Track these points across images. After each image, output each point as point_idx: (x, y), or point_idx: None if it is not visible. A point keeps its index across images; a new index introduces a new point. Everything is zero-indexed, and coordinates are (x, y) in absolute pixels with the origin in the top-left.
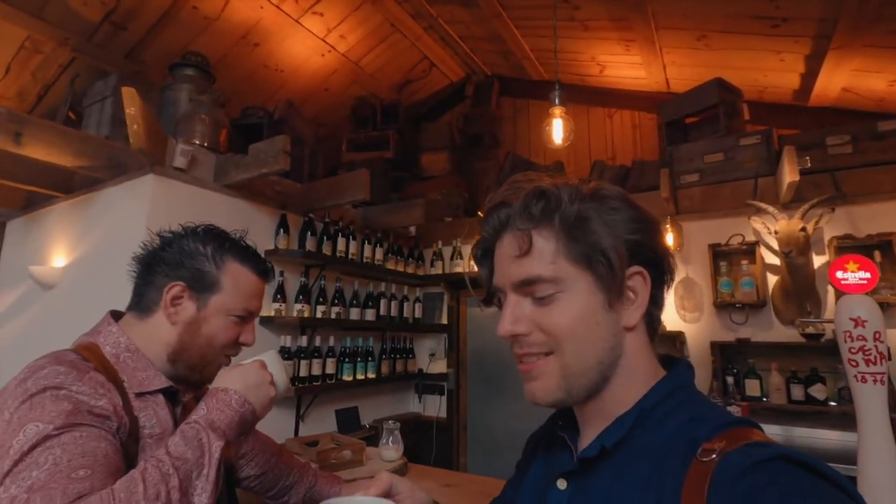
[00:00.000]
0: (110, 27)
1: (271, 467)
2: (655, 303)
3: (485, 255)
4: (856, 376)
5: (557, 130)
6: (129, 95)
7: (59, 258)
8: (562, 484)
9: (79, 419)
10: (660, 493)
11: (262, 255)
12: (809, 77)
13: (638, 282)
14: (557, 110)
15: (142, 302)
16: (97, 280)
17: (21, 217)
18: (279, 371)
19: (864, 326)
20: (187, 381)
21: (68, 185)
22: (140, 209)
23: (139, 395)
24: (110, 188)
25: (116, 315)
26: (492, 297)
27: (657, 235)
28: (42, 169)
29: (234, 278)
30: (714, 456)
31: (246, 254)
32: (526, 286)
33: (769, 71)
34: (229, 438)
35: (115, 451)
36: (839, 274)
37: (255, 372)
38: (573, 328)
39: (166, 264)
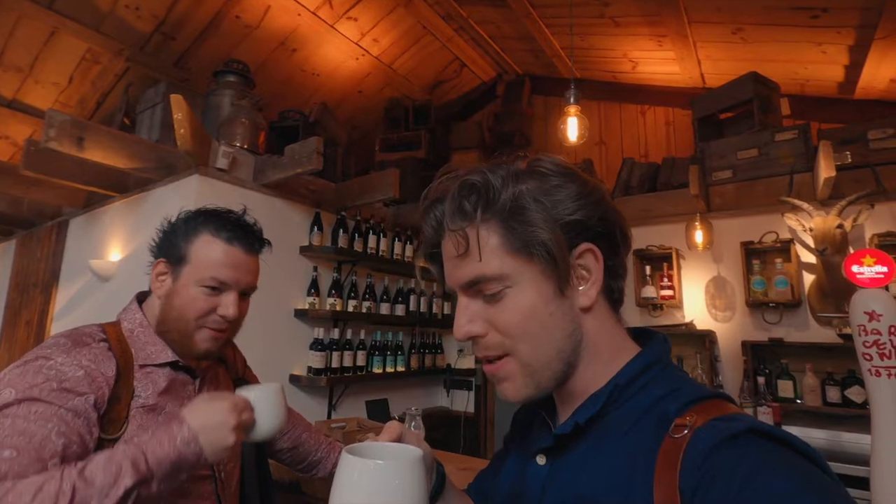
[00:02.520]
0: (160, 38)
1: (302, 442)
2: (613, 273)
3: (433, 255)
4: (870, 370)
5: (572, 129)
6: (177, 102)
7: (115, 253)
8: (541, 459)
9: (43, 395)
10: (634, 469)
11: (301, 247)
12: (854, 69)
13: (589, 259)
14: (572, 109)
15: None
16: (149, 273)
17: (82, 215)
18: (269, 408)
19: (878, 320)
20: (184, 355)
21: (123, 185)
22: (186, 207)
23: (143, 366)
24: (160, 188)
25: (142, 295)
26: (452, 294)
27: (602, 205)
28: (100, 171)
29: (202, 248)
30: (686, 432)
31: (219, 224)
32: (473, 286)
33: (810, 63)
34: (155, 474)
35: (62, 434)
36: (854, 268)
37: (220, 412)
38: (526, 324)
39: (158, 246)
